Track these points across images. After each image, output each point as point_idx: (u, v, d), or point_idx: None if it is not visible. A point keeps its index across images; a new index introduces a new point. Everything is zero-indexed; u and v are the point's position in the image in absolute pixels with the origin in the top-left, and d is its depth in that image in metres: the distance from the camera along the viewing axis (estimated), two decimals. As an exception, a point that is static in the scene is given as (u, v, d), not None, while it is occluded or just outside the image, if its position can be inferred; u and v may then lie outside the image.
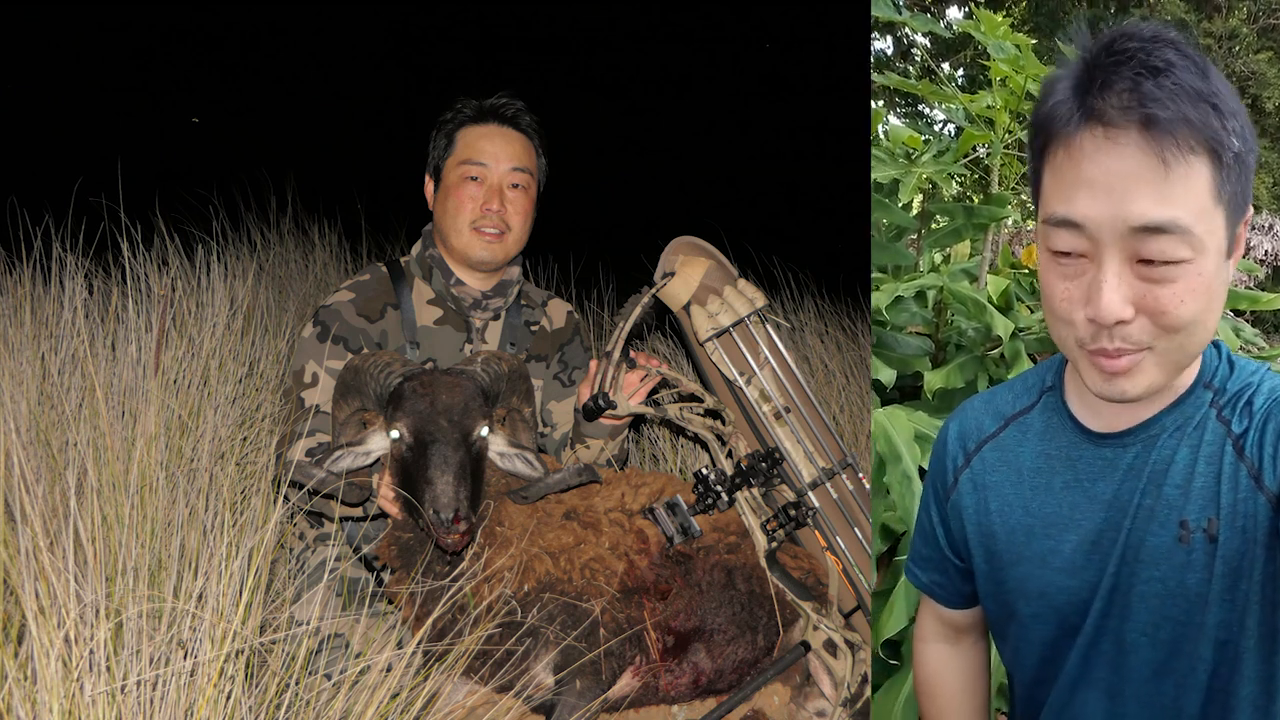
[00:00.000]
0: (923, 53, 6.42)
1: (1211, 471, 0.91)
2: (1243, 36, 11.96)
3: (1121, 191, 0.83)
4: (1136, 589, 0.94)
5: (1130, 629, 0.95)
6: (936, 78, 2.66)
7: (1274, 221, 9.84)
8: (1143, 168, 0.82)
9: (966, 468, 1.11)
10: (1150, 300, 0.85)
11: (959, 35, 2.62)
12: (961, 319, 2.38)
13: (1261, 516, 0.87)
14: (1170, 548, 0.91)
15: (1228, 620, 0.89)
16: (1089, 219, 0.85)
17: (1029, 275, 2.56)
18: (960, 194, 6.10)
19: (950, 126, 2.89)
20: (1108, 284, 0.85)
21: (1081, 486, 1.00)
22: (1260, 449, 0.88)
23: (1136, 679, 0.95)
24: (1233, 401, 0.93)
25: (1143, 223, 0.83)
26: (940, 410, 2.14)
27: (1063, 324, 0.92)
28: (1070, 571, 0.99)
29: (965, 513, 1.10)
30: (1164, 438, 0.95)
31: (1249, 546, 0.87)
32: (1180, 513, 0.91)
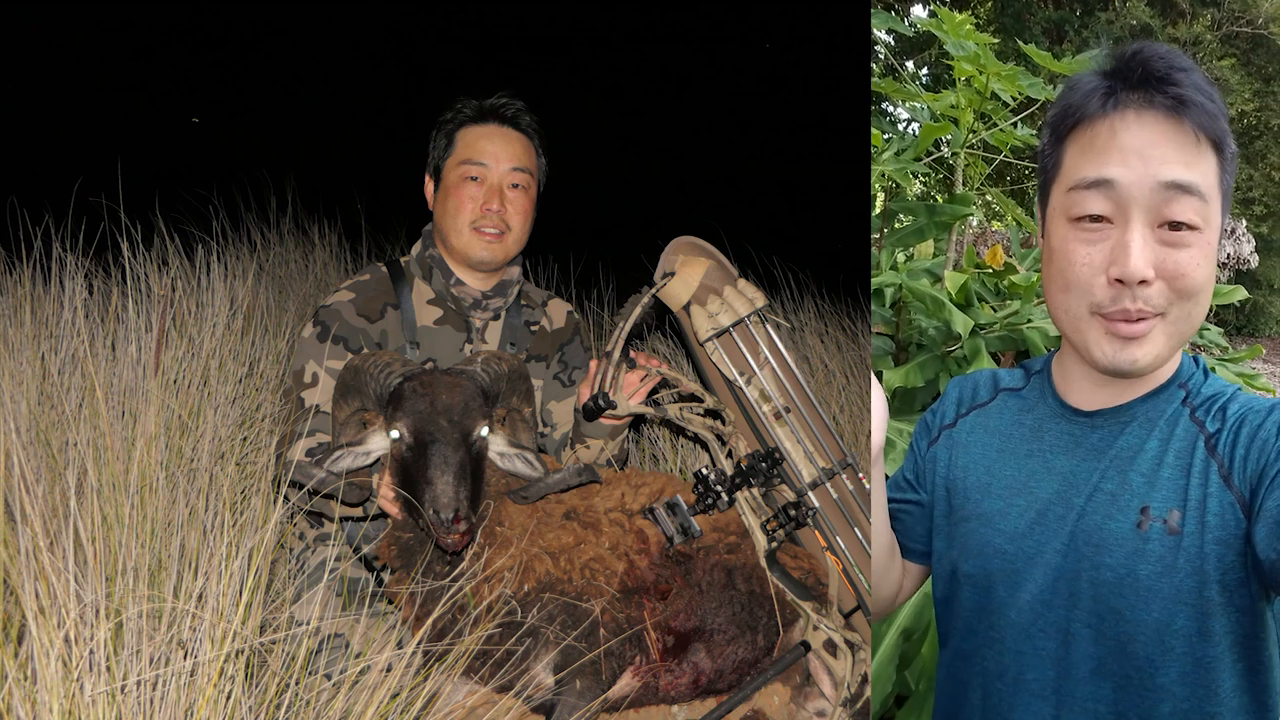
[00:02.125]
0: (886, 50, 6.42)
1: (1181, 465, 0.94)
2: (1206, 43, 11.98)
3: (1152, 155, 0.92)
4: (1085, 575, 0.95)
5: (1075, 619, 0.96)
6: (900, 76, 2.65)
7: (1236, 225, 9.90)
8: (1173, 139, 0.93)
9: (953, 425, 1.18)
10: (1170, 264, 0.92)
11: (922, 34, 2.62)
12: (921, 317, 2.37)
13: (1229, 516, 0.89)
14: (1126, 534, 0.93)
15: (1189, 629, 0.89)
16: (1121, 178, 0.93)
17: (993, 276, 2.56)
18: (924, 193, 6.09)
19: (914, 126, 2.89)
20: (1134, 243, 0.92)
21: (1042, 456, 1.04)
22: (1232, 449, 0.91)
23: (1076, 678, 0.96)
24: (1206, 405, 0.97)
25: (1172, 179, 0.91)
26: (901, 411, 2.15)
27: (1079, 292, 0.97)
28: (1011, 536, 1.03)
29: (938, 464, 1.16)
30: (1133, 425, 0.99)
31: (1214, 547, 0.89)
32: (1143, 499, 0.94)
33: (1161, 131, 0.93)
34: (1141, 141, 0.93)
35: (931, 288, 2.26)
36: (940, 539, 1.15)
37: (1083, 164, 0.96)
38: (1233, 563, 0.88)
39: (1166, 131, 0.92)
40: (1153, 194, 0.91)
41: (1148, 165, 0.92)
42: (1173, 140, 0.92)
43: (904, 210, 2.55)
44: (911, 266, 2.58)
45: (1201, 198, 0.92)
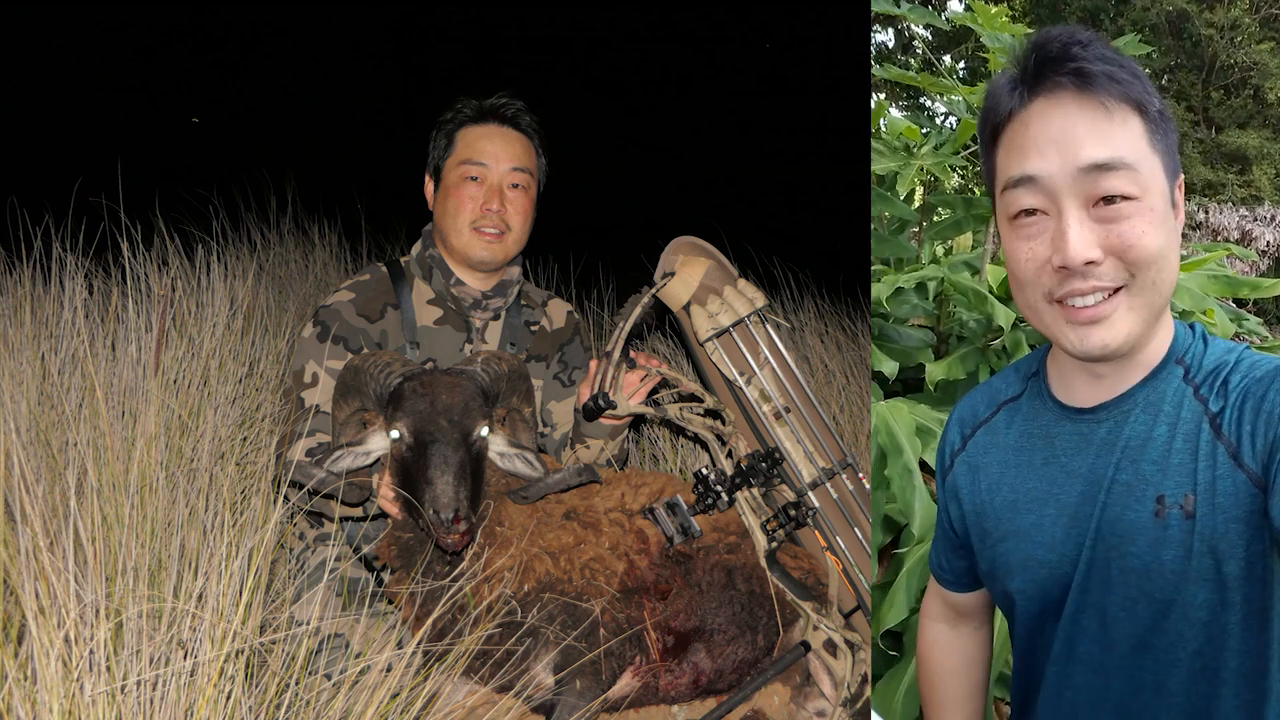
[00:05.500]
0: (924, 45, 6.42)
1: (1189, 448, 0.92)
2: (1244, 27, 11.94)
3: (1067, 141, 0.92)
4: (1114, 564, 0.95)
5: (1111, 603, 0.96)
6: (937, 70, 2.65)
7: (1276, 212, 9.85)
8: (1083, 118, 0.92)
9: (963, 450, 1.16)
10: (1114, 238, 0.91)
11: (959, 28, 2.62)
12: (963, 310, 2.37)
13: (1242, 495, 0.88)
14: (1146, 523, 0.93)
15: (1210, 600, 0.90)
16: (1043, 170, 0.93)
17: None
18: (961, 186, 6.09)
19: (952, 119, 2.89)
20: (1071, 228, 0.92)
21: (1059, 462, 1.03)
22: (1238, 427, 0.90)
23: (1119, 653, 0.97)
24: (1209, 379, 0.95)
25: (1090, 162, 0.91)
26: (942, 402, 2.14)
27: (1029, 286, 0.97)
28: (1050, 545, 1.02)
29: (961, 493, 1.15)
30: (1136, 413, 0.97)
31: (1229, 525, 0.88)
32: (1158, 488, 0.93)
33: (1072, 112, 0.92)
34: (1054, 129, 0.92)
35: (972, 280, 2.25)
36: (983, 562, 1.14)
37: (1009, 164, 0.96)
38: (1250, 538, 0.88)
39: (1077, 110, 0.92)
40: (1076, 179, 0.91)
41: (1064, 152, 0.91)
42: (1085, 118, 0.91)
43: (942, 204, 2.56)
44: (952, 259, 2.58)
45: (1129, 167, 0.90)
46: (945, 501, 1.19)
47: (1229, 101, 12.59)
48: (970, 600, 1.27)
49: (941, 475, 1.20)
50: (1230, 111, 12.54)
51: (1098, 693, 0.99)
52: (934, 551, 1.27)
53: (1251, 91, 12.45)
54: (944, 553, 1.25)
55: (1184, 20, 11.76)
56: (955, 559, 1.22)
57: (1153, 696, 0.95)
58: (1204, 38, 11.98)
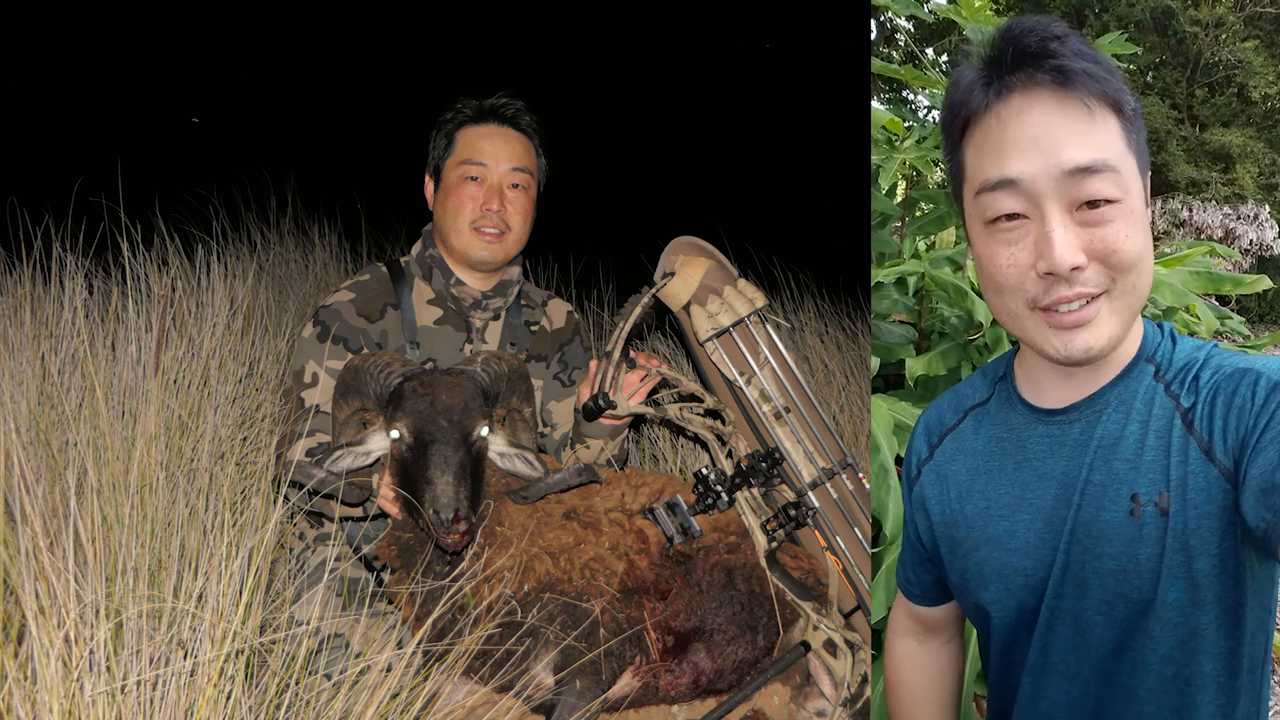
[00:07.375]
0: (906, 37, 6.41)
1: (1161, 445, 0.91)
2: (1229, 24, 11.93)
3: (1049, 141, 0.88)
4: (1090, 565, 0.94)
5: (1087, 607, 0.95)
6: (920, 63, 2.64)
7: (1259, 211, 9.83)
8: (1064, 118, 0.88)
9: (930, 459, 1.13)
10: (1098, 243, 0.89)
11: (942, 20, 2.61)
12: (944, 306, 2.35)
13: (1214, 490, 0.87)
14: (1122, 523, 0.91)
15: (1182, 600, 0.89)
16: (1024, 173, 0.89)
17: None
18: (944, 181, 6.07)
19: (934, 113, 2.88)
20: (1056, 233, 0.88)
21: (1031, 465, 1.01)
22: (1210, 422, 0.89)
23: (1095, 659, 0.95)
24: (1180, 376, 0.94)
25: (1074, 165, 0.87)
26: (923, 398, 2.13)
27: (1010, 293, 0.94)
28: (1024, 551, 1.00)
29: (929, 503, 1.12)
30: (1108, 412, 0.96)
31: (1201, 521, 0.87)
32: (1131, 487, 0.91)
33: (1052, 112, 0.88)
34: (1034, 129, 0.88)
35: (953, 275, 2.25)
36: (954, 575, 1.11)
37: (983, 164, 0.92)
38: (1223, 534, 0.87)
39: (1057, 110, 0.88)
40: (1060, 183, 0.88)
41: (1047, 154, 0.87)
42: (1065, 118, 0.88)
43: (925, 198, 2.54)
44: (933, 255, 2.57)
45: (1112, 169, 0.87)
46: (912, 514, 1.16)
47: (1213, 99, 12.57)
48: (939, 614, 1.24)
49: (908, 486, 1.16)
50: (1214, 109, 12.51)
51: (1075, 702, 0.97)
52: (901, 566, 1.24)
53: (1236, 89, 12.44)
54: (911, 566, 1.21)
55: (1169, 17, 11.75)
56: (923, 572, 1.19)
57: (1129, 703, 0.93)
58: (1189, 35, 11.96)
